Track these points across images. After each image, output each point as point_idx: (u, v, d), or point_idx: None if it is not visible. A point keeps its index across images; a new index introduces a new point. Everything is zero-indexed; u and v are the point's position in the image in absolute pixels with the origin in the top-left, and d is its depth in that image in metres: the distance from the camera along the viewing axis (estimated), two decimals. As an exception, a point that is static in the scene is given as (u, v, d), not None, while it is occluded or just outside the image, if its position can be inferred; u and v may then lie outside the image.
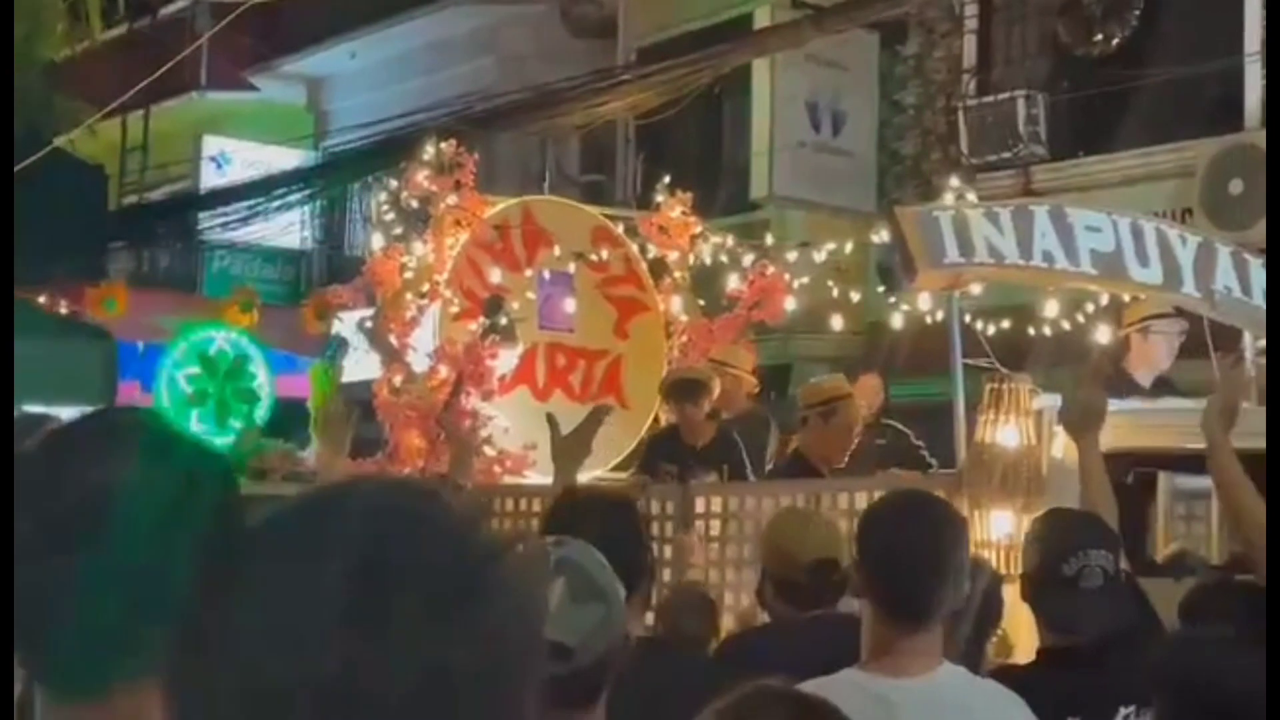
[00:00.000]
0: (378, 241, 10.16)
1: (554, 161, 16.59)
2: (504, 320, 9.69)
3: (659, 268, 10.71)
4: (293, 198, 15.40)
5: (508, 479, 9.38)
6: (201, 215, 15.57)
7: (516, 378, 9.89)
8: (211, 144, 19.36)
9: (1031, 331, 8.50)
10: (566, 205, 11.39)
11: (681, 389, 8.98)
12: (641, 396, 10.39)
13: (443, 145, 9.97)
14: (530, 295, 10.03)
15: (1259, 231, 10.85)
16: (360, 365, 10.20)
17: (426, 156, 9.97)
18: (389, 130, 15.26)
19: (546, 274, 10.22)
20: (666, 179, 10.81)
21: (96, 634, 1.57)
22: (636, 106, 13.41)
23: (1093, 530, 4.41)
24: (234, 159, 18.49)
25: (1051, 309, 8.23)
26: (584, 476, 7.61)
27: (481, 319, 9.74)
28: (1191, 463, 5.47)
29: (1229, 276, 7.41)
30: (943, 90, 14.78)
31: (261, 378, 12.07)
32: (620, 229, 10.79)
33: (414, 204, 10.07)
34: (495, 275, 9.92)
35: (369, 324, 10.03)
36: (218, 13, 15.86)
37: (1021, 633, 5.01)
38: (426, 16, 18.09)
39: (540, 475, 8.74)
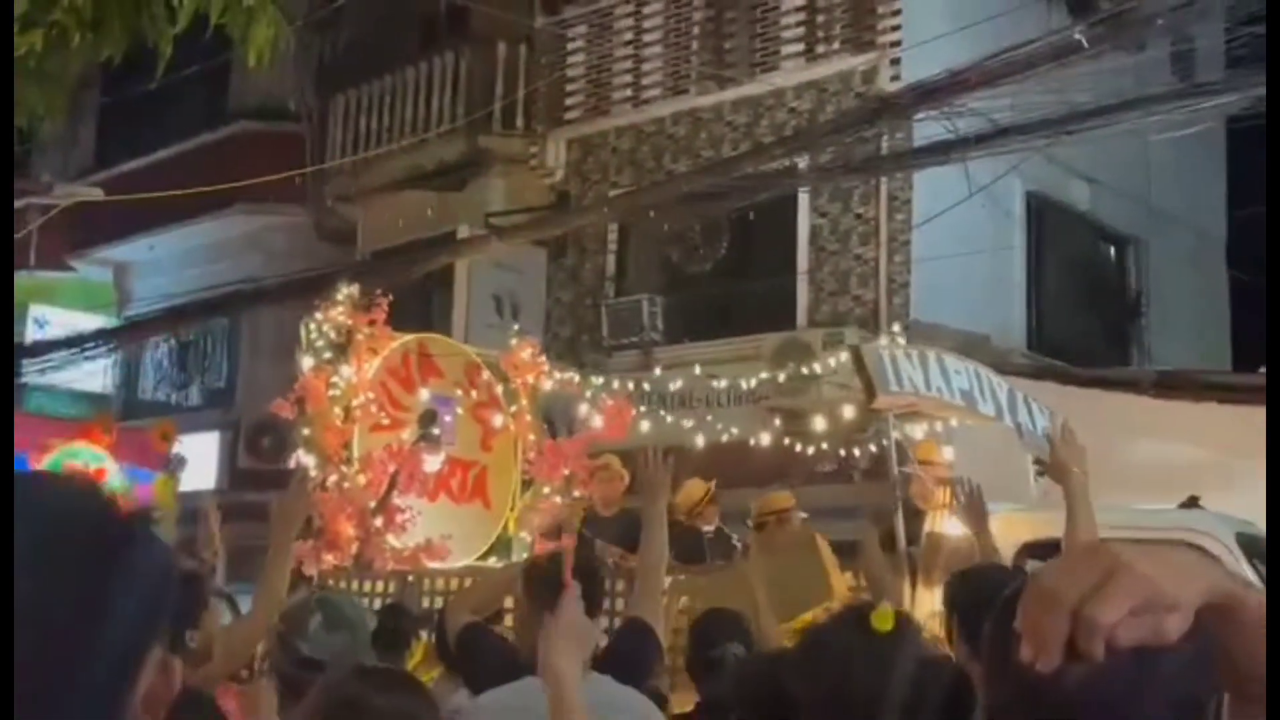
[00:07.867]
0: (308, 363, 10.35)
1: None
2: (435, 431, 10.12)
3: (512, 396, 11.06)
4: (99, 351, 16.19)
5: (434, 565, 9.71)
6: (25, 363, 15.99)
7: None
8: (36, 310, 19.72)
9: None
10: (449, 343, 12.00)
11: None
12: (499, 500, 10.87)
13: (352, 289, 10.51)
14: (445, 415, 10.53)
15: (805, 400, 12.55)
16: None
17: (340, 297, 10.44)
18: (177, 305, 16.28)
19: (457, 393, 10.79)
20: (515, 326, 11.94)
21: None
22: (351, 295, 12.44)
23: (733, 625, 4.98)
24: (52, 321, 18.84)
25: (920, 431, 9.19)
26: (453, 565, 8.88)
27: (416, 427, 10.18)
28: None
29: (1023, 413, 7.95)
30: (590, 292, 15.78)
31: (120, 487, 11.86)
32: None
33: (332, 334, 10.35)
34: (423, 395, 10.47)
35: (306, 433, 10.23)
36: (47, 211, 16.62)
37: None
38: (210, 220, 18.58)
39: (450, 561, 9.66)
